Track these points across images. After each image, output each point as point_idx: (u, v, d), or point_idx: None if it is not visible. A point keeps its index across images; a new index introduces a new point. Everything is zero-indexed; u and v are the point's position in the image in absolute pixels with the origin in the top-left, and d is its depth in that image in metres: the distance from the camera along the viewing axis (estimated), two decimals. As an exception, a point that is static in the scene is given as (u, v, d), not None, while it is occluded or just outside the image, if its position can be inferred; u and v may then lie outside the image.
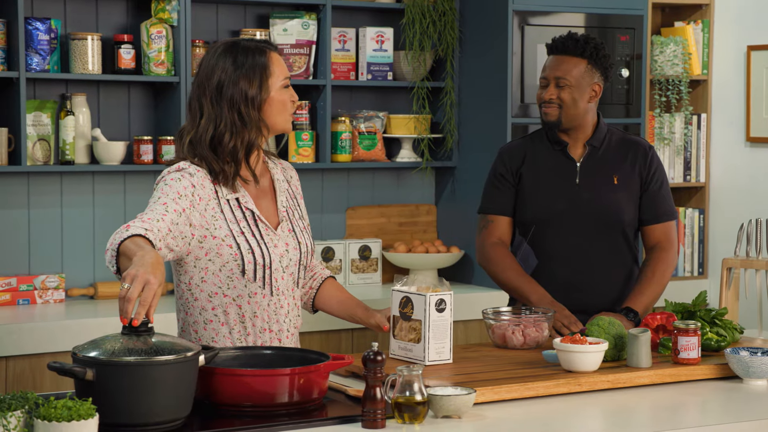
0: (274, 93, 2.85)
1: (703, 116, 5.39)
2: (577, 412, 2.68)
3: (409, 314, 2.90)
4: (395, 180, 5.14)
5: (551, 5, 4.85)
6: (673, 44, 5.24)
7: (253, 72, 2.83)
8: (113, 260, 2.59)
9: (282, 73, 2.87)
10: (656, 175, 3.50)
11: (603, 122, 3.54)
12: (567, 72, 3.43)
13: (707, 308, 3.19)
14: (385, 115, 5.01)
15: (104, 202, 4.57)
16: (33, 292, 4.38)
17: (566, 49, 3.45)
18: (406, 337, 2.91)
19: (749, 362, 2.89)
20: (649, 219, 3.49)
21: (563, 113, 3.44)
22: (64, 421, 2.18)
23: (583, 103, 3.45)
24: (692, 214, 5.38)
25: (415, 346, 2.90)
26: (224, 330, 2.88)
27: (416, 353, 2.90)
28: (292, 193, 3.01)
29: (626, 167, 3.48)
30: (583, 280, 3.44)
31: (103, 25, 4.54)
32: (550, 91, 3.44)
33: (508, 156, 3.57)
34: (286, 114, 2.89)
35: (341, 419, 2.50)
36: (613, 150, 3.51)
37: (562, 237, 3.46)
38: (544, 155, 3.52)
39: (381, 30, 4.92)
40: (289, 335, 2.95)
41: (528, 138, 3.60)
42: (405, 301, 2.91)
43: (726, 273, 3.58)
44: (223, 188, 2.84)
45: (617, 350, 2.99)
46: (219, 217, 2.82)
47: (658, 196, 3.50)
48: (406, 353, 2.92)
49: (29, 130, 4.32)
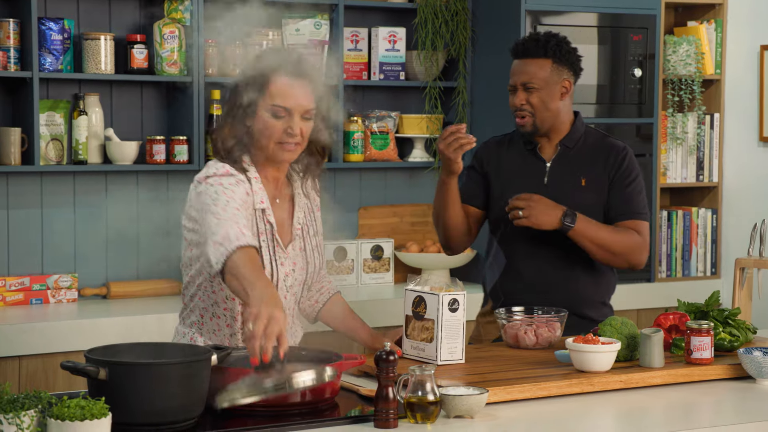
0: (260, 112, 2.74)
1: (716, 116, 5.38)
2: (589, 412, 2.67)
3: (422, 314, 2.90)
4: (408, 180, 5.14)
5: (564, 5, 4.84)
6: (686, 44, 5.23)
7: (250, 83, 2.75)
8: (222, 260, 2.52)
9: (280, 98, 2.71)
10: (624, 174, 3.40)
11: (580, 122, 3.48)
12: (533, 75, 3.37)
13: (720, 308, 3.18)
14: (397, 114, 5.01)
15: (117, 201, 4.58)
16: (46, 291, 4.39)
17: (528, 51, 3.39)
18: (418, 336, 2.91)
19: (762, 362, 2.89)
20: (617, 215, 3.39)
21: (537, 119, 3.38)
22: (77, 420, 2.18)
23: (554, 103, 3.39)
24: (705, 214, 5.37)
25: (428, 345, 2.90)
26: (227, 331, 2.87)
27: (429, 353, 2.90)
28: (310, 207, 2.95)
29: (597, 169, 3.41)
30: (549, 280, 3.40)
31: (116, 25, 4.55)
32: (519, 96, 3.38)
33: (482, 150, 3.55)
34: (269, 140, 2.74)
35: (353, 419, 2.51)
36: (587, 151, 3.44)
37: (529, 237, 3.41)
38: (515, 155, 3.47)
39: (393, 30, 4.92)
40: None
41: (508, 135, 3.57)
42: (418, 301, 2.91)
43: (739, 273, 3.58)
44: (255, 195, 2.79)
45: (630, 350, 2.98)
46: (253, 228, 2.78)
47: (627, 193, 3.39)
48: (418, 353, 2.92)
49: (42, 129, 4.33)
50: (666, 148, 5.27)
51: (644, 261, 3.39)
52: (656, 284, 5.15)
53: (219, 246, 2.55)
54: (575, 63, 3.43)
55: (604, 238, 3.31)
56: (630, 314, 4.95)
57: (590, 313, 3.41)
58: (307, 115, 2.75)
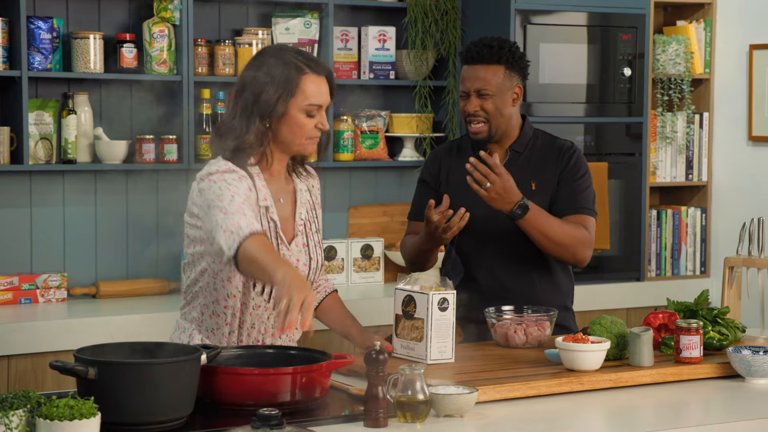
0: (292, 113, 2.79)
1: (705, 115, 5.39)
2: (579, 411, 2.68)
3: (411, 313, 2.90)
4: (397, 179, 5.14)
5: (553, 4, 4.84)
6: (676, 43, 5.24)
7: (279, 84, 2.77)
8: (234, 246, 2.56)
9: (314, 97, 2.79)
10: (572, 170, 3.37)
11: (528, 126, 3.45)
12: (487, 82, 3.32)
13: (709, 307, 3.19)
14: (387, 114, 5.01)
15: (106, 200, 4.58)
16: (35, 291, 4.38)
17: (482, 57, 3.33)
18: (408, 335, 2.91)
19: (751, 361, 2.89)
20: (563, 209, 3.34)
21: (492, 125, 3.34)
22: (66, 420, 2.18)
23: (507, 109, 3.35)
24: (694, 213, 5.38)
25: (417, 344, 2.90)
26: (225, 329, 2.88)
27: (418, 352, 2.90)
28: (311, 204, 2.97)
29: (546, 172, 3.38)
30: (505, 286, 3.37)
31: (105, 23, 4.54)
32: (473, 102, 3.33)
33: (431, 161, 3.51)
34: (301, 138, 2.81)
35: (343, 418, 2.51)
36: (536, 155, 3.41)
37: (482, 244, 3.39)
38: (465, 162, 3.33)
39: (383, 29, 4.92)
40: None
41: (456, 142, 3.53)
42: (408, 300, 2.91)
43: (728, 272, 3.58)
44: (258, 192, 2.81)
45: (619, 349, 2.99)
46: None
47: (573, 189, 3.36)
48: (408, 352, 2.92)
49: (31, 129, 4.32)
50: (655, 147, 5.28)
51: (589, 257, 3.35)
52: (646, 283, 5.16)
53: (231, 234, 2.59)
54: (525, 69, 3.39)
55: (552, 228, 3.26)
56: (619, 313, 4.96)
57: None
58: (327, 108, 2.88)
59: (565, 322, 3.42)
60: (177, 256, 4.67)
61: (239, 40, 4.65)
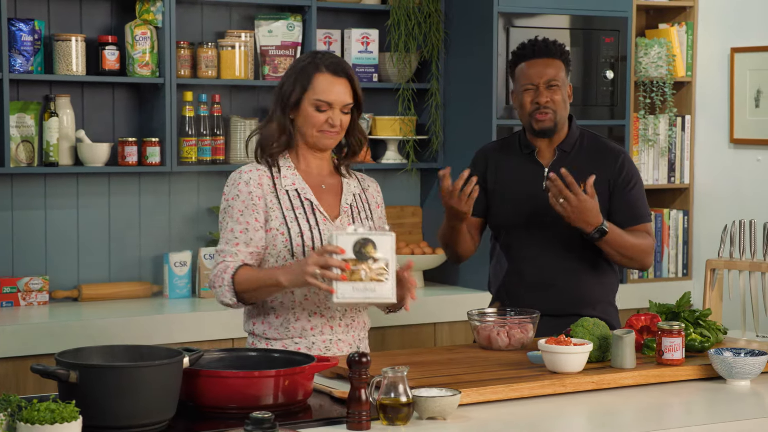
0: (304, 105, 3.03)
1: (687, 118, 5.41)
2: (561, 413, 2.68)
3: (370, 254, 2.87)
4: (381, 181, 5.08)
5: (536, 7, 4.85)
6: (658, 46, 5.26)
7: (297, 78, 3.04)
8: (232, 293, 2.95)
9: (323, 94, 3.02)
10: (626, 179, 3.45)
11: (576, 125, 3.52)
12: (555, 74, 3.42)
13: (691, 309, 3.20)
14: (370, 116, 5.01)
15: (88, 203, 4.56)
16: (17, 294, 4.36)
17: (549, 51, 3.44)
18: (366, 277, 2.86)
19: (733, 363, 2.90)
20: (622, 222, 3.44)
21: (558, 116, 3.43)
22: (47, 423, 2.17)
23: (568, 104, 3.46)
24: (676, 215, 5.40)
25: (380, 285, 2.86)
26: (276, 322, 3.02)
27: (381, 293, 2.86)
28: (364, 198, 3.18)
29: (595, 173, 3.41)
30: (550, 283, 3.43)
31: (87, 26, 4.53)
32: (544, 94, 3.40)
33: (479, 159, 3.59)
34: (312, 129, 3.04)
35: (326, 421, 2.50)
36: (584, 155, 3.47)
37: (530, 241, 3.45)
38: (513, 160, 3.50)
39: (366, 31, 4.92)
40: (342, 324, 3.07)
41: (505, 140, 3.60)
42: (363, 242, 2.86)
43: (710, 274, 3.59)
44: (284, 180, 3.05)
45: (601, 351, 2.99)
46: (276, 207, 3.03)
47: (629, 201, 3.45)
48: (366, 294, 2.86)
49: (12, 131, 4.30)
50: (638, 149, 5.30)
51: (652, 262, 3.52)
52: (628, 285, 5.17)
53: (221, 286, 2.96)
54: (570, 70, 3.52)
55: (625, 246, 3.38)
56: (602, 315, 4.97)
57: (596, 313, 3.40)
58: (345, 109, 3.06)
59: (608, 317, 3.44)
60: (160, 259, 4.66)
61: (222, 42, 4.64)
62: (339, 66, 3.06)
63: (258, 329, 3.06)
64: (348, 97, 3.05)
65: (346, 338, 3.08)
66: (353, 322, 3.11)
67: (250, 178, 3.04)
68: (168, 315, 4.25)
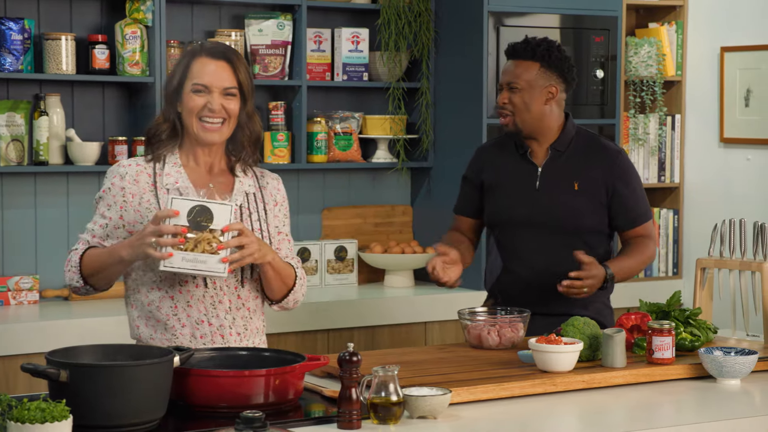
0: (185, 93, 2.90)
1: (677, 117, 5.42)
2: (552, 412, 2.68)
3: (206, 224, 2.74)
4: (371, 181, 5.14)
5: (526, 6, 4.86)
6: (648, 45, 5.27)
7: (177, 65, 2.93)
8: (78, 275, 2.88)
9: (198, 77, 2.88)
10: (624, 182, 3.45)
11: (572, 125, 3.51)
12: (517, 76, 3.41)
13: (681, 308, 3.21)
14: (360, 115, 5.00)
15: (78, 202, 4.55)
16: (7, 293, 4.35)
17: (517, 53, 3.44)
18: (199, 248, 2.73)
19: (723, 362, 2.91)
20: (623, 225, 3.46)
21: (517, 118, 3.41)
22: (38, 422, 2.16)
23: (536, 106, 3.41)
24: (666, 214, 5.41)
25: (211, 258, 2.73)
26: (160, 326, 2.89)
27: (212, 265, 2.73)
28: (260, 198, 2.98)
29: (590, 173, 3.44)
30: (544, 282, 3.42)
31: (77, 25, 4.52)
32: (503, 95, 3.43)
33: (474, 159, 3.62)
34: (193, 118, 2.88)
35: (317, 420, 2.50)
36: (578, 155, 3.47)
37: (524, 240, 3.46)
38: (507, 159, 3.52)
39: (356, 31, 4.92)
40: (233, 333, 2.90)
41: (501, 139, 3.61)
42: (200, 210, 2.74)
43: (700, 273, 3.60)
44: (166, 177, 2.90)
45: (592, 350, 3.00)
46: (153, 207, 2.87)
47: (629, 202, 3.45)
48: (195, 265, 2.73)
49: (2, 130, 4.29)
50: (628, 149, 5.30)
51: (655, 254, 3.58)
52: (618, 284, 5.15)
53: (68, 272, 2.91)
54: (566, 70, 3.45)
55: (632, 271, 3.45)
56: (592, 314, 4.97)
57: (588, 313, 3.40)
58: (226, 93, 2.89)
59: (602, 318, 3.44)
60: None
61: (212, 41, 4.64)
62: (218, 49, 2.91)
63: (144, 334, 2.91)
64: (228, 81, 2.87)
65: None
66: (246, 331, 2.94)
67: (126, 172, 2.90)
68: (158, 314, 4.25)
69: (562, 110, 3.48)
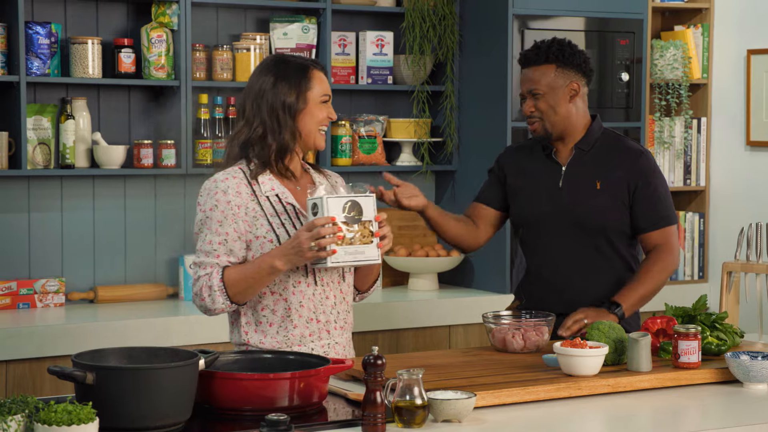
0: (311, 105, 3.02)
1: (703, 120, 5.39)
2: (577, 416, 2.68)
3: (358, 217, 2.90)
4: (395, 184, 5.13)
5: (551, 9, 4.85)
6: (673, 48, 5.25)
7: (293, 82, 3.01)
8: (224, 297, 2.92)
9: (322, 89, 3.03)
10: (646, 181, 3.43)
11: (598, 125, 3.51)
12: (536, 82, 3.42)
13: (707, 312, 3.19)
14: (385, 119, 5.01)
15: (104, 206, 4.57)
16: (33, 296, 4.38)
17: (529, 60, 3.45)
18: (358, 240, 2.90)
19: (750, 366, 2.89)
20: (644, 227, 3.44)
21: (546, 123, 3.43)
22: (64, 425, 2.17)
23: (562, 107, 3.42)
24: (692, 218, 5.38)
25: (368, 247, 2.91)
26: (272, 330, 2.97)
27: (370, 254, 2.91)
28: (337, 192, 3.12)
29: (613, 172, 3.43)
30: (568, 281, 3.43)
31: (104, 29, 4.54)
32: (528, 104, 3.45)
33: (505, 153, 3.64)
34: (316, 127, 3.04)
35: (341, 423, 2.50)
36: (602, 154, 3.47)
37: (547, 239, 3.47)
38: (534, 160, 3.53)
39: (381, 34, 4.93)
40: (338, 327, 3.04)
41: (528, 140, 3.63)
42: (351, 205, 2.90)
43: (726, 277, 3.58)
44: (262, 186, 3.00)
45: (617, 354, 2.99)
46: (260, 214, 2.98)
47: (650, 202, 3.44)
48: (356, 257, 2.90)
49: (29, 134, 4.32)
50: (653, 152, 5.28)
51: (678, 264, 3.50)
52: (644, 288, 5.14)
53: (209, 297, 2.94)
54: (582, 64, 3.46)
55: (650, 294, 3.41)
56: (618, 318, 4.95)
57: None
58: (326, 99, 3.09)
59: (627, 322, 3.43)
60: (175, 261, 4.67)
61: (237, 45, 4.65)
62: (316, 61, 3.11)
63: (253, 339, 3.00)
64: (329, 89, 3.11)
65: (341, 341, 3.06)
66: (346, 324, 3.09)
67: (228, 186, 2.98)
68: (183, 317, 4.26)
69: (586, 105, 3.49)
